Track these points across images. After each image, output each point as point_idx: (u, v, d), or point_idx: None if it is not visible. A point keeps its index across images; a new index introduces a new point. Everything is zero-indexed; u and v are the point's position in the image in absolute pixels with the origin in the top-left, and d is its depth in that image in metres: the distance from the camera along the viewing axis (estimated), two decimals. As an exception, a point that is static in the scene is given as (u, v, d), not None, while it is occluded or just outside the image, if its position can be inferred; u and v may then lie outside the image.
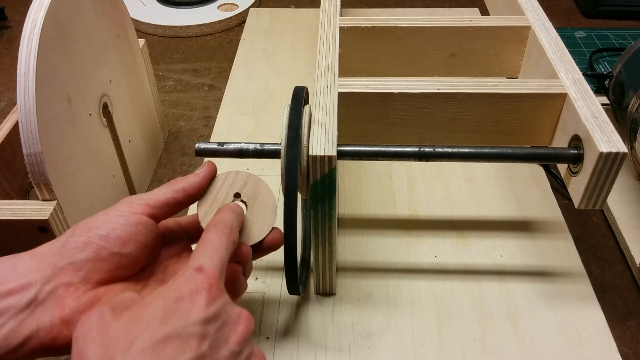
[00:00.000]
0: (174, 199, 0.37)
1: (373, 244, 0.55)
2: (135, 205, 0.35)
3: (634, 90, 0.56)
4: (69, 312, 0.31)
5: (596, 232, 0.57)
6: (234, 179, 0.40)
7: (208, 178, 0.39)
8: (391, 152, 0.42)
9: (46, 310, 0.31)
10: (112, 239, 0.33)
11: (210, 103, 0.75)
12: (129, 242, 0.34)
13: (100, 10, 0.51)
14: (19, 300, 0.31)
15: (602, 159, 0.39)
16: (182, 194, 0.37)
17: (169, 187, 0.37)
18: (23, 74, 0.40)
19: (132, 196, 0.36)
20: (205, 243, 0.33)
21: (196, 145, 0.42)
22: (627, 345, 0.47)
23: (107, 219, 0.34)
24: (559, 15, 0.94)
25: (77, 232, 0.33)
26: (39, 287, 0.31)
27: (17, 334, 0.30)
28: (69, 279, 0.32)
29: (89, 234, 0.33)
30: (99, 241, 0.33)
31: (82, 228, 0.34)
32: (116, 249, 0.33)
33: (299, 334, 0.47)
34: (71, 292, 0.32)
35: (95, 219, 0.34)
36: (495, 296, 0.50)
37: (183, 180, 0.38)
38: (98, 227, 0.34)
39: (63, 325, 0.31)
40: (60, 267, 0.32)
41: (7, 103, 0.75)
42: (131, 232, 0.34)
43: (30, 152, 0.40)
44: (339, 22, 0.54)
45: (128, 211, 0.35)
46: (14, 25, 0.92)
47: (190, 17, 0.91)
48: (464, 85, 0.45)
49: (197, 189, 0.38)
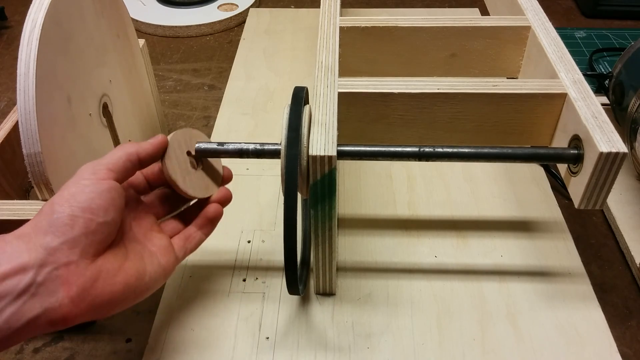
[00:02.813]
0: (130, 163, 0.38)
1: (373, 244, 0.55)
2: (100, 172, 0.36)
3: (634, 90, 0.56)
4: (77, 291, 0.32)
5: (596, 232, 0.57)
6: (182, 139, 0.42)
7: (159, 146, 0.40)
8: (391, 152, 0.42)
9: (51, 292, 0.31)
10: (95, 209, 0.34)
11: (210, 103, 0.75)
12: (109, 209, 0.35)
13: (100, 10, 0.51)
14: (15, 284, 0.30)
15: (602, 159, 0.39)
16: (136, 157, 0.38)
17: (122, 150, 0.38)
18: (23, 74, 0.40)
19: (89, 163, 0.37)
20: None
21: (196, 145, 0.43)
22: (627, 345, 0.47)
23: (80, 189, 0.34)
24: (559, 15, 0.94)
25: (56, 208, 0.33)
26: (36, 269, 0.31)
27: (19, 317, 0.30)
28: (67, 257, 0.32)
29: (71, 208, 0.33)
30: (84, 214, 0.33)
31: (60, 203, 0.33)
32: (101, 218, 0.34)
33: (299, 334, 0.47)
34: (73, 270, 0.32)
35: (68, 191, 0.34)
36: (495, 296, 0.50)
37: (135, 145, 0.39)
38: (76, 200, 0.34)
39: (72, 304, 0.32)
40: (54, 247, 0.32)
41: (7, 103, 0.75)
42: (108, 199, 0.35)
43: (30, 152, 0.40)
44: (339, 22, 0.54)
45: (96, 178, 0.35)
46: (14, 25, 0.92)
47: (190, 17, 0.91)
48: (464, 85, 0.45)
49: (149, 155, 0.39)
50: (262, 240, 0.55)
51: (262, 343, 0.46)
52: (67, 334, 0.48)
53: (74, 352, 0.47)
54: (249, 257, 0.54)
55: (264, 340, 0.47)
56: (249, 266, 0.53)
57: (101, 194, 0.35)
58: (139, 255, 0.38)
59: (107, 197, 0.35)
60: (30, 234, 0.32)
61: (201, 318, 0.48)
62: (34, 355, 0.47)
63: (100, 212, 0.34)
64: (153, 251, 0.39)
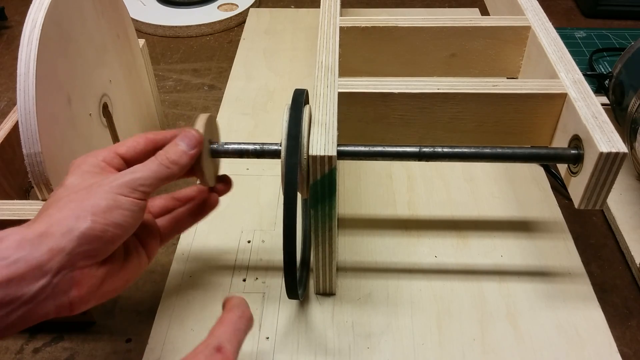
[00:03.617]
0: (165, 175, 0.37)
1: (373, 244, 0.55)
2: (138, 193, 0.35)
3: (634, 90, 0.56)
4: (87, 290, 0.33)
5: (596, 232, 0.57)
6: (209, 129, 0.41)
7: (196, 155, 0.39)
8: (391, 152, 0.42)
9: (64, 292, 0.32)
10: (125, 227, 0.34)
11: (210, 103, 0.75)
12: (135, 225, 0.35)
13: (100, 10, 0.51)
14: (31, 287, 0.31)
15: (602, 159, 0.39)
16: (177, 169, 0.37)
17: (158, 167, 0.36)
18: (23, 74, 0.40)
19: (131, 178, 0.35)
20: (228, 324, 0.34)
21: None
22: (627, 345, 0.47)
23: (115, 204, 0.34)
24: (559, 15, 0.94)
25: (81, 214, 0.32)
26: (54, 272, 0.31)
27: (32, 315, 0.31)
28: (84, 263, 0.33)
29: (94, 219, 0.33)
30: (115, 229, 0.33)
31: (91, 212, 0.33)
32: (125, 235, 0.35)
33: (299, 334, 0.47)
34: (86, 272, 0.33)
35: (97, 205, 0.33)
36: (495, 296, 0.50)
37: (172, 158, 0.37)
38: (104, 214, 0.33)
39: (80, 302, 0.33)
40: (76, 252, 0.32)
41: (7, 103, 0.75)
42: (138, 218, 0.35)
43: (30, 152, 0.40)
44: (339, 22, 0.54)
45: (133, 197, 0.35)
46: (14, 25, 0.92)
47: (190, 17, 0.91)
48: (464, 85, 0.45)
49: (184, 169, 0.38)
50: (262, 240, 0.55)
51: (262, 343, 0.46)
52: (67, 334, 0.48)
53: (74, 352, 0.47)
54: (249, 257, 0.54)
55: (264, 340, 0.47)
56: (249, 266, 0.53)
57: (134, 214, 0.34)
58: (137, 248, 0.38)
59: (137, 217, 0.35)
60: (52, 236, 0.32)
61: (201, 318, 0.48)
62: (34, 355, 0.47)
63: (128, 230, 0.34)
64: (142, 239, 0.39)
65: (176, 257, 0.54)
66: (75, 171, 0.36)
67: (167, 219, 0.43)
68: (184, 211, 0.43)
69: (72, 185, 0.35)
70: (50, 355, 0.47)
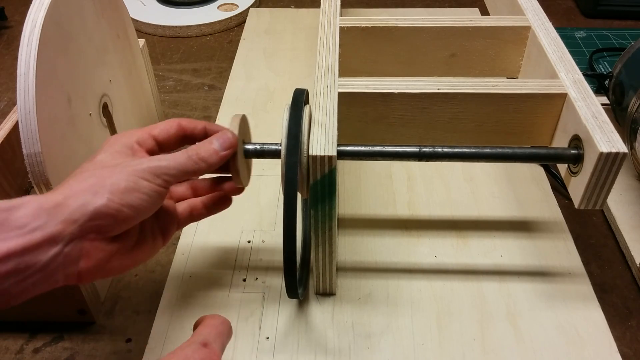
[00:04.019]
0: (191, 170, 0.37)
1: (373, 244, 0.55)
2: (160, 180, 0.36)
3: (634, 90, 0.56)
4: (94, 264, 0.34)
5: (596, 232, 0.57)
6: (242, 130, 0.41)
7: (226, 158, 0.39)
8: (391, 152, 0.42)
9: (73, 262, 0.33)
10: (140, 210, 0.35)
11: (210, 103, 0.75)
12: (152, 209, 0.36)
13: (100, 10, 0.51)
14: (45, 256, 0.31)
15: (602, 159, 0.39)
16: (204, 166, 0.38)
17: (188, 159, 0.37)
18: (23, 74, 0.40)
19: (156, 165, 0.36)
20: (211, 327, 0.36)
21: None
22: (627, 345, 0.47)
23: (135, 187, 0.34)
24: (559, 15, 0.94)
25: (99, 191, 0.33)
26: (65, 242, 0.32)
27: (42, 284, 0.32)
28: (95, 236, 0.33)
29: (111, 197, 0.33)
30: (123, 208, 0.34)
31: (109, 190, 0.33)
32: (140, 217, 0.35)
33: (299, 334, 0.47)
34: (96, 245, 0.34)
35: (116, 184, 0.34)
36: (495, 296, 0.50)
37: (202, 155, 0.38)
38: (122, 195, 0.34)
39: (88, 274, 0.34)
40: (88, 226, 0.33)
41: (7, 103, 0.75)
42: (156, 204, 0.36)
43: (30, 152, 0.40)
44: (339, 22, 0.54)
45: (155, 184, 0.35)
46: (14, 25, 0.92)
47: (190, 17, 0.91)
48: (464, 85, 0.45)
49: (212, 167, 0.39)
50: (262, 240, 0.55)
51: (262, 343, 0.46)
52: (67, 333, 0.48)
53: (74, 352, 0.47)
54: (249, 257, 0.54)
55: (264, 340, 0.47)
56: (249, 266, 0.53)
57: (152, 199, 0.35)
58: (154, 231, 0.39)
59: (154, 203, 0.36)
60: (70, 206, 0.32)
61: (201, 318, 0.48)
62: (34, 355, 0.47)
63: (142, 213, 0.35)
64: (162, 222, 0.40)
65: (176, 257, 0.54)
66: (107, 149, 0.37)
67: (184, 206, 0.43)
68: (199, 203, 0.44)
69: (100, 161, 0.36)
70: (50, 355, 0.47)
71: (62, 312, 0.48)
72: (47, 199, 0.32)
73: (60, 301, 0.47)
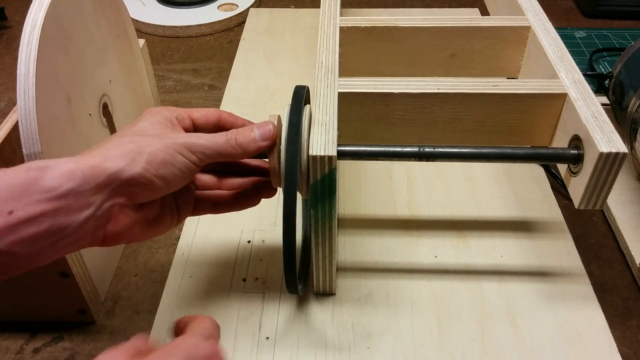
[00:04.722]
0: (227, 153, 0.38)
1: (373, 244, 0.55)
2: (194, 157, 0.36)
3: (634, 90, 0.56)
4: (120, 229, 0.35)
5: (596, 232, 0.57)
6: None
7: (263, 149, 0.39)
8: (391, 152, 0.42)
9: (101, 225, 0.34)
10: (171, 183, 0.35)
11: (210, 103, 0.75)
12: (181, 183, 0.37)
13: (100, 10, 0.51)
14: (77, 217, 0.32)
15: (602, 159, 0.39)
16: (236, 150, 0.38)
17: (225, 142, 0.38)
18: (23, 74, 0.40)
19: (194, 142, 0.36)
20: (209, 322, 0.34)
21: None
22: (627, 345, 0.47)
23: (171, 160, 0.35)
24: (559, 15, 0.94)
25: (137, 159, 0.34)
26: (98, 205, 0.33)
27: (71, 246, 0.32)
28: (124, 201, 0.34)
29: (147, 167, 0.34)
30: (156, 179, 0.34)
31: (146, 160, 0.34)
32: (170, 189, 0.36)
33: (299, 334, 0.47)
34: (124, 211, 0.34)
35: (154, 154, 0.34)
36: (495, 296, 0.50)
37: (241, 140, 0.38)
38: (158, 166, 0.34)
39: (113, 238, 0.35)
40: (118, 192, 0.33)
41: (7, 103, 0.75)
42: (187, 179, 0.37)
43: (30, 152, 0.40)
44: (339, 22, 0.54)
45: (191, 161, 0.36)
46: (14, 25, 0.92)
47: (190, 17, 0.91)
48: (464, 85, 0.45)
49: (247, 155, 0.39)
50: (262, 240, 0.55)
51: (262, 343, 0.46)
52: (67, 334, 0.48)
53: (74, 352, 0.47)
54: (249, 257, 0.54)
55: (264, 340, 0.47)
56: (249, 266, 0.53)
57: (183, 175, 0.36)
58: (172, 208, 0.40)
59: (184, 178, 0.36)
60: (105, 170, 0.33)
61: (201, 318, 0.48)
62: (34, 355, 0.47)
63: (171, 187, 0.36)
64: (180, 202, 0.41)
65: (176, 257, 0.54)
66: (149, 118, 0.37)
67: (210, 194, 0.43)
68: (226, 197, 0.44)
69: (140, 129, 0.36)
70: (50, 355, 0.47)
71: (62, 312, 0.48)
72: (83, 160, 0.33)
73: (60, 301, 0.47)
